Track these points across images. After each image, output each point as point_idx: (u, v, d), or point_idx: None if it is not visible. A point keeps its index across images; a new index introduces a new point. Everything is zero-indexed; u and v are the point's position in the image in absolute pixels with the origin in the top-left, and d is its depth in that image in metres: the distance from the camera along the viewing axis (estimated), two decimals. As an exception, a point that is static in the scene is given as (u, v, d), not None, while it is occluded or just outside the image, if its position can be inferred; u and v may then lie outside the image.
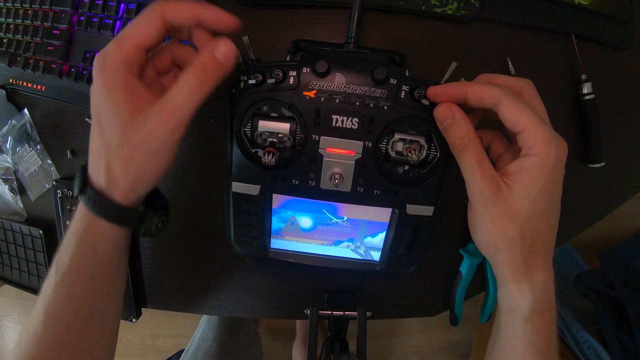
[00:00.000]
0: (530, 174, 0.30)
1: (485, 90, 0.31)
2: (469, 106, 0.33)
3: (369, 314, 0.46)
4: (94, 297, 0.34)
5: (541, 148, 0.30)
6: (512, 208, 0.31)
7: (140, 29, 0.29)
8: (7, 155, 0.56)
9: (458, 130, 0.32)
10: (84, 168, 0.33)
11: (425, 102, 0.34)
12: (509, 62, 0.46)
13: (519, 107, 0.30)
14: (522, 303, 0.32)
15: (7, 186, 0.57)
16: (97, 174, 0.31)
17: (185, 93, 0.29)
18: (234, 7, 0.46)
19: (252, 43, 0.38)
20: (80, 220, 0.32)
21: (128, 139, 0.29)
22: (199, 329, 0.87)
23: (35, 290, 0.58)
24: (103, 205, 0.31)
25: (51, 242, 0.56)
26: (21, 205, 0.57)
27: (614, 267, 0.88)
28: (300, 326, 1.25)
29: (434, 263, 0.50)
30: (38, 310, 0.33)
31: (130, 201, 0.31)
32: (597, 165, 0.48)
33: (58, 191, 0.52)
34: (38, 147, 0.54)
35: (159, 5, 0.29)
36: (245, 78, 0.35)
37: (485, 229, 0.33)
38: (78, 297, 0.33)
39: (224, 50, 0.30)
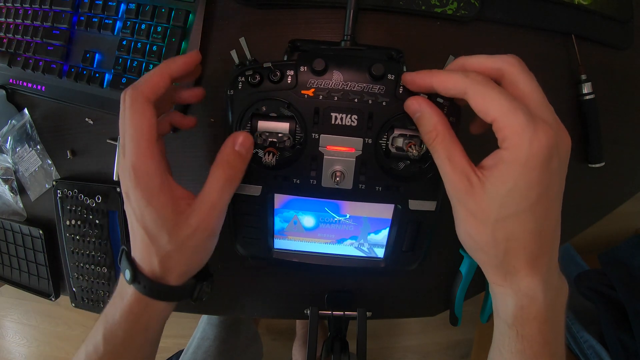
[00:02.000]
0: (501, 170, 0.27)
1: (449, 80, 0.29)
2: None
3: (369, 314, 0.46)
4: None
5: (513, 140, 0.26)
6: (482, 208, 0.28)
7: (140, 125, 0.31)
8: (7, 155, 0.56)
9: (425, 123, 0.30)
10: (128, 255, 0.35)
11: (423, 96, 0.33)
12: (509, 62, 0.46)
13: (486, 95, 0.27)
14: (504, 306, 0.31)
15: (7, 186, 0.57)
16: (150, 264, 0.33)
17: (218, 190, 0.32)
18: (234, 6, 0.46)
19: (250, 43, 0.38)
20: (133, 303, 0.34)
21: (176, 237, 0.32)
22: (198, 328, 0.87)
23: (35, 290, 0.59)
24: (161, 291, 0.34)
25: (51, 242, 0.56)
26: (21, 205, 0.57)
27: (614, 267, 0.88)
28: (300, 326, 1.25)
29: (434, 263, 0.50)
30: None
31: (184, 281, 0.35)
32: (597, 165, 0.48)
33: (58, 191, 0.52)
34: (38, 147, 0.54)
35: (136, 91, 0.31)
36: (243, 79, 0.35)
37: (460, 227, 0.31)
38: None
39: (242, 142, 0.33)
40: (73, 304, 0.56)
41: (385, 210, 0.40)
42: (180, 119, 0.39)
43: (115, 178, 0.50)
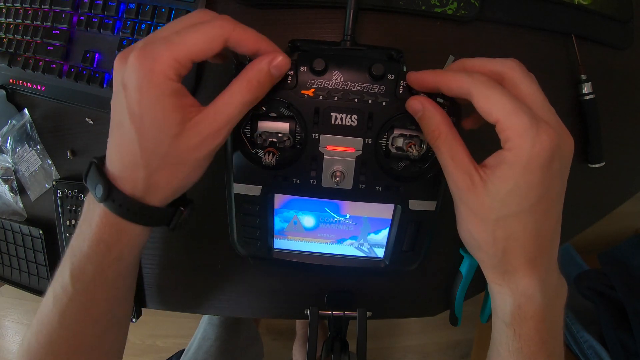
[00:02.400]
0: (502, 171, 0.27)
1: (454, 81, 0.29)
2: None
3: (369, 314, 0.46)
4: (113, 304, 0.34)
5: (515, 142, 0.27)
6: (483, 207, 0.29)
7: (199, 42, 0.27)
8: (7, 155, 0.56)
9: (428, 123, 0.30)
10: (100, 167, 0.31)
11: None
12: (509, 62, 0.46)
13: (490, 96, 0.27)
14: (502, 305, 0.31)
15: (7, 186, 0.57)
16: (132, 178, 0.29)
17: (239, 105, 0.29)
18: (234, 6, 0.46)
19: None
20: (104, 227, 0.31)
21: (177, 147, 0.28)
22: (199, 328, 0.87)
23: (35, 290, 0.58)
24: (138, 211, 0.30)
25: (51, 242, 0.56)
26: (21, 205, 0.57)
27: (614, 267, 0.88)
28: (300, 326, 1.25)
29: (434, 263, 0.50)
30: (49, 315, 0.33)
31: (166, 204, 0.32)
32: (597, 165, 0.48)
33: (58, 191, 0.52)
34: (38, 147, 0.54)
35: (227, 25, 0.28)
36: None
37: (461, 225, 0.32)
38: (98, 304, 0.33)
39: (279, 63, 0.30)
40: (73, 304, 0.56)
41: (385, 210, 0.40)
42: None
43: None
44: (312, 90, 0.34)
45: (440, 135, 0.30)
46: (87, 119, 0.52)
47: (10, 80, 0.53)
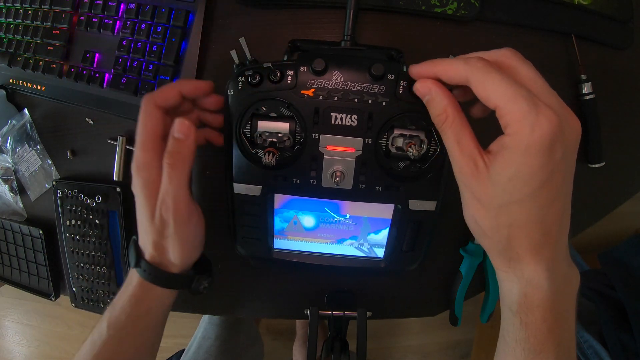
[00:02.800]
0: (503, 157, 0.27)
1: (452, 68, 0.29)
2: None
3: (369, 314, 0.46)
4: (141, 352, 0.39)
5: (515, 127, 0.26)
6: (487, 193, 0.28)
7: (145, 124, 0.35)
8: (7, 155, 0.56)
9: (435, 106, 0.30)
10: (136, 242, 0.38)
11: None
12: (509, 62, 0.46)
13: (487, 80, 0.27)
14: (509, 293, 0.31)
15: (7, 186, 0.57)
16: (148, 250, 0.37)
17: (166, 180, 0.34)
18: (234, 6, 0.46)
19: (250, 43, 0.38)
20: (136, 287, 0.37)
21: (156, 229, 0.36)
22: (200, 328, 0.87)
23: (35, 290, 0.59)
24: (159, 276, 0.37)
25: (51, 242, 0.56)
26: (21, 205, 0.57)
27: (614, 267, 0.88)
28: (300, 326, 1.25)
29: (434, 263, 0.50)
30: (85, 357, 0.38)
31: (181, 270, 0.38)
32: (597, 165, 0.48)
33: (58, 191, 0.52)
34: (38, 147, 0.54)
35: (147, 97, 0.35)
36: (243, 79, 0.35)
37: (466, 211, 0.31)
38: (127, 350, 0.38)
39: (178, 128, 0.34)
40: (73, 304, 0.56)
41: (385, 210, 0.40)
42: (210, 133, 0.42)
43: (115, 178, 0.50)
44: (312, 90, 0.35)
45: (447, 119, 0.29)
46: (87, 119, 0.52)
47: (10, 80, 0.53)
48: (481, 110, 0.34)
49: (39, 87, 0.52)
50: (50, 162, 0.54)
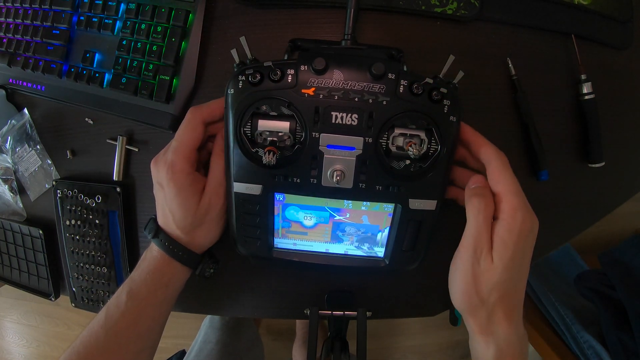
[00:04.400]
0: (502, 238, 0.34)
1: (485, 146, 0.37)
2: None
3: (369, 313, 0.46)
4: (154, 325, 0.42)
5: (508, 214, 0.34)
6: (488, 270, 0.35)
7: (186, 135, 0.39)
8: (7, 155, 0.56)
9: (479, 200, 0.36)
10: (155, 219, 0.43)
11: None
12: (509, 62, 0.46)
13: (502, 172, 0.35)
14: (485, 354, 0.36)
15: (7, 186, 0.57)
16: (171, 230, 0.41)
17: (221, 173, 0.40)
18: (234, 6, 0.46)
19: (251, 42, 0.38)
20: (158, 260, 0.41)
21: (195, 218, 0.40)
22: (200, 331, 0.87)
23: (35, 290, 0.58)
24: (181, 252, 0.41)
25: (51, 242, 0.56)
26: (21, 205, 0.57)
27: (614, 267, 0.88)
28: (300, 326, 1.25)
29: (434, 263, 0.50)
30: (98, 329, 0.39)
31: (201, 252, 0.43)
32: (597, 165, 0.48)
33: (58, 191, 0.52)
34: (38, 147, 0.54)
35: (196, 111, 0.39)
36: (243, 78, 0.35)
37: (458, 283, 0.37)
38: (144, 322, 0.41)
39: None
40: (73, 304, 0.56)
41: (386, 210, 0.40)
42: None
43: (115, 178, 0.50)
44: (313, 89, 0.35)
45: (479, 215, 0.35)
46: (87, 119, 0.52)
47: (10, 80, 0.53)
48: (467, 159, 0.41)
49: (38, 87, 0.52)
50: (50, 162, 0.54)
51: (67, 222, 0.53)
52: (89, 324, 0.41)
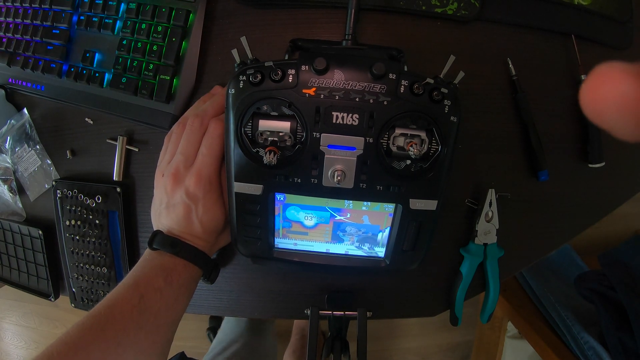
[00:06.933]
0: None
1: None
2: None
3: (369, 314, 0.46)
4: (173, 324, 0.41)
5: None
6: None
7: (220, 148, 0.41)
8: (6, 155, 0.56)
9: None
10: (163, 234, 0.42)
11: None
12: (509, 62, 0.46)
13: None
14: None
15: (6, 186, 0.57)
16: (198, 243, 0.42)
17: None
18: (234, 6, 0.46)
19: (251, 42, 0.38)
20: (178, 267, 0.41)
21: (225, 224, 0.44)
22: (224, 328, 0.92)
23: (34, 291, 0.58)
24: (198, 256, 0.42)
25: (51, 242, 0.56)
26: (20, 205, 0.57)
27: (614, 268, 0.88)
28: (295, 332, 1.23)
29: (434, 263, 0.50)
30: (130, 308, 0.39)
31: (210, 254, 0.44)
32: (597, 165, 0.48)
33: (58, 191, 0.52)
34: (37, 147, 0.54)
35: (217, 122, 0.41)
36: (244, 78, 0.35)
37: None
38: (180, 309, 0.41)
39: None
40: (73, 305, 0.56)
41: (387, 210, 0.40)
42: None
43: (115, 178, 0.50)
44: (314, 89, 0.34)
45: None
46: (86, 119, 0.52)
47: (10, 80, 0.53)
48: None
49: (38, 86, 0.52)
50: (49, 162, 0.54)
51: (67, 222, 0.53)
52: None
